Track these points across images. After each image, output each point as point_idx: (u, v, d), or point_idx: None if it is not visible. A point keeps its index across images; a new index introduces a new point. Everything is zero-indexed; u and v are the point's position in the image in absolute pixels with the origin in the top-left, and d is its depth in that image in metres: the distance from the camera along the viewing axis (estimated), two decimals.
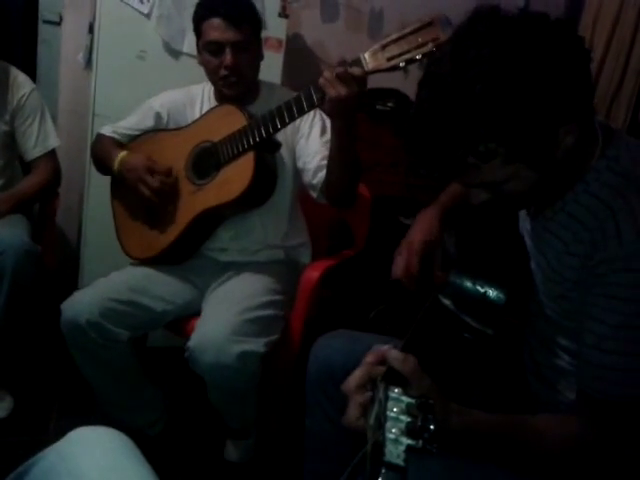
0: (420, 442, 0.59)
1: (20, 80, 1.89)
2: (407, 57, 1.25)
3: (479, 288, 1.00)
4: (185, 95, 1.75)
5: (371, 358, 0.81)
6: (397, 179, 2.42)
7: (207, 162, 1.59)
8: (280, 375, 1.68)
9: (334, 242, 2.00)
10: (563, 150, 0.85)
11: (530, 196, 0.92)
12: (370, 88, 1.51)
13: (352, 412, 0.77)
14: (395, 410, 0.63)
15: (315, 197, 1.61)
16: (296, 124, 1.59)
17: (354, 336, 1.19)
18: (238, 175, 1.52)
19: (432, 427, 0.60)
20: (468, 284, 1.01)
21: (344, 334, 1.20)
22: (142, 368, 1.65)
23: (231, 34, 1.53)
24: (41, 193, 1.93)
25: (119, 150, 1.66)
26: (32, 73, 2.20)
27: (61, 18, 2.35)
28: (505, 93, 0.78)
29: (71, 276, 2.21)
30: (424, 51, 1.23)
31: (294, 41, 2.49)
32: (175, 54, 2.08)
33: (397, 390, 0.65)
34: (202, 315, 1.51)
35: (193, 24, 1.61)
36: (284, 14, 2.13)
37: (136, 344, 1.59)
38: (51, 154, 1.94)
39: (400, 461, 0.58)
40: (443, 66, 0.83)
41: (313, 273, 1.66)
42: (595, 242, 0.86)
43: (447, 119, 0.82)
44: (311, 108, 1.40)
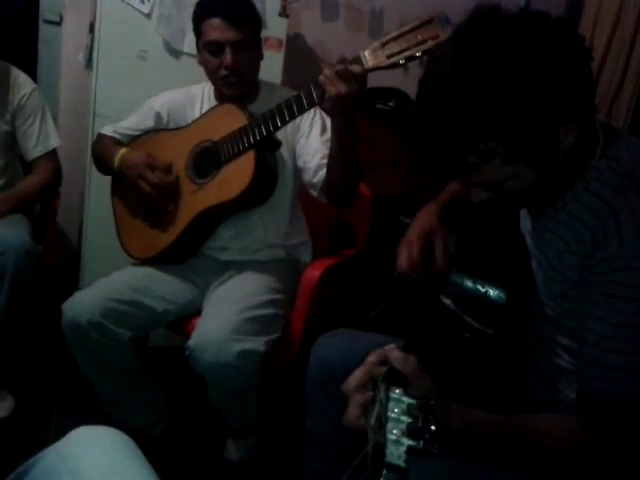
0: (421, 443, 0.60)
1: (21, 80, 1.89)
2: (407, 54, 1.25)
3: (480, 288, 0.99)
4: (185, 95, 1.75)
5: (374, 358, 0.81)
6: (398, 178, 2.42)
7: (208, 161, 1.59)
8: (280, 374, 1.68)
9: (335, 241, 2.00)
10: (564, 149, 0.85)
11: (530, 195, 0.92)
12: (370, 87, 1.50)
13: (352, 412, 0.77)
14: (396, 411, 0.63)
15: (315, 196, 1.61)
16: (296, 123, 1.59)
17: (355, 335, 1.19)
18: (239, 174, 1.52)
19: (433, 428, 0.60)
20: (469, 284, 1.01)
21: (345, 333, 1.20)
22: (143, 368, 1.65)
23: (231, 34, 1.53)
24: (42, 193, 1.94)
25: (119, 148, 1.66)
26: (33, 73, 2.20)
27: (61, 18, 2.35)
28: (506, 92, 0.78)
29: (72, 276, 2.21)
30: (424, 48, 1.23)
31: (294, 41, 2.49)
32: (176, 54, 2.07)
33: (398, 391, 0.65)
34: (203, 314, 1.52)
35: (193, 24, 1.61)
36: (284, 14, 2.13)
37: (137, 344, 1.59)
38: (52, 154, 1.95)
39: (401, 462, 0.58)
40: (444, 65, 0.83)
41: (314, 272, 1.66)
42: (596, 241, 0.86)
43: (447, 118, 0.82)
44: (311, 106, 1.40)
